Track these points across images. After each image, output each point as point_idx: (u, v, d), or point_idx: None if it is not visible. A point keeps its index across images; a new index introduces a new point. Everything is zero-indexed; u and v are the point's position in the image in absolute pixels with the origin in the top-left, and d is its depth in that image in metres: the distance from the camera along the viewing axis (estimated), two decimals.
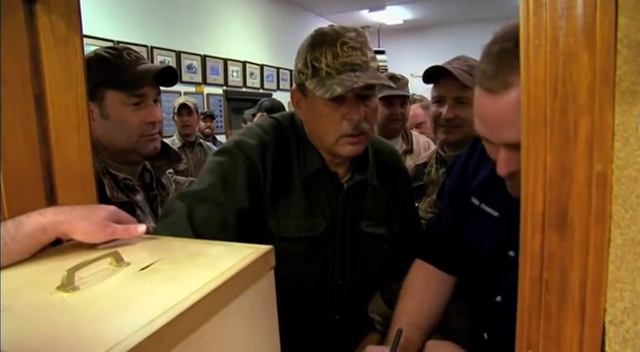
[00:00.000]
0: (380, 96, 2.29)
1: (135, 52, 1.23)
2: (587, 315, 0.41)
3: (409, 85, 2.43)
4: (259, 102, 3.69)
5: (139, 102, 1.17)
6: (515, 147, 0.73)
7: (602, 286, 0.40)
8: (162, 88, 1.25)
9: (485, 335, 0.95)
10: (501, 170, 0.80)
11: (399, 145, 2.38)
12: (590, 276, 0.41)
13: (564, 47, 0.39)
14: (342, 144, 1.05)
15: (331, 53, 0.99)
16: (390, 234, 1.21)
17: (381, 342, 1.20)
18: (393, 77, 2.34)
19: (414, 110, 2.88)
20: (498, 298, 0.92)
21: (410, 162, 2.19)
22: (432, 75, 1.50)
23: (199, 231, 0.96)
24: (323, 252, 1.12)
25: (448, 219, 1.12)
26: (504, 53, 0.72)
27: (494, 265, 0.94)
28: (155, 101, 1.23)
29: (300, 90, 1.08)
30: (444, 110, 1.48)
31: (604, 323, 0.41)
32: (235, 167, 1.05)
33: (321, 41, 1.02)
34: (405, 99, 2.37)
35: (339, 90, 0.96)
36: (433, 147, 2.53)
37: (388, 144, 1.36)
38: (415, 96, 4.01)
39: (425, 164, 1.75)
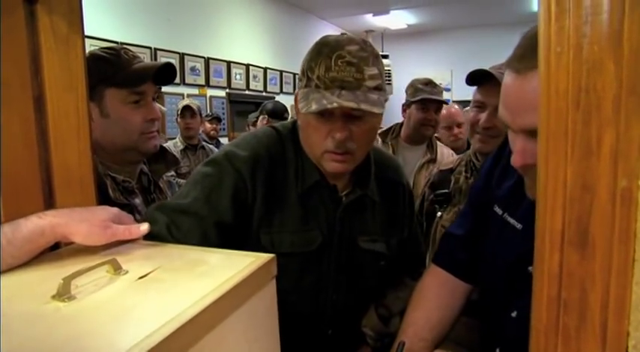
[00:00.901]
0: (416, 99, 2.27)
1: (131, 51, 1.23)
2: (608, 339, 0.39)
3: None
4: (262, 105, 3.68)
5: (139, 100, 1.16)
6: (534, 135, 0.69)
7: (625, 308, 0.38)
8: (165, 90, 1.25)
9: (498, 351, 0.92)
10: (516, 160, 0.77)
11: (422, 153, 2.35)
12: (613, 298, 0.38)
13: (588, 55, 0.37)
14: (327, 160, 1.02)
15: (324, 66, 0.95)
16: (387, 250, 1.17)
17: None
18: (430, 82, 2.32)
19: (448, 109, 2.72)
20: (514, 314, 0.89)
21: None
22: (475, 78, 1.44)
23: (181, 244, 0.91)
24: (318, 267, 1.09)
25: (468, 225, 1.08)
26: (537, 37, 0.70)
27: (512, 280, 0.90)
28: (154, 99, 1.22)
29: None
30: (482, 117, 1.42)
31: (627, 348, 0.38)
32: (221, 181, 1.01)
33: (320, 51, 0.98)
34: (440, 106, 2.35)
35: (314, 107, 0.93)
36: (456, 156, 2.49)
37: (391, 158, 1.32)
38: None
39: (451, 170, 1.68)
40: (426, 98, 2.25)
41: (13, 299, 0.56)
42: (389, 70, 7.50)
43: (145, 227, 0.73)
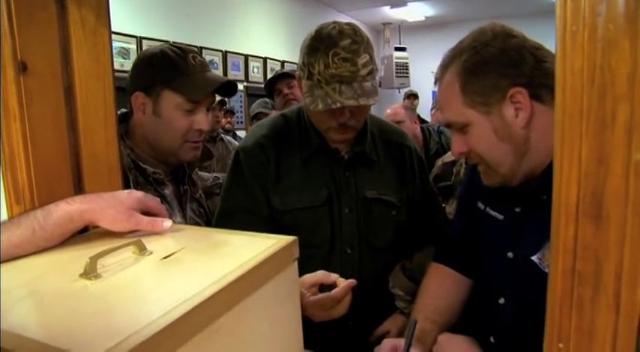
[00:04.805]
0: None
1: (200, 56, 1.23)
2: (622, 308, 0.40)
3: (430, 82, 2.48)
4: None
5: (192, 109, 1.17)
6: (456, 128, 0.92)
7: (638, 278, 0.39)
8: None
9: (492, 339, 0.95)
10: (453, 150, 0.95)
11: None
12: (626, 268, 0.40)
13: (603, 34, 0.38)
14: (332, 133, 1.18)
15: (323, 63, 1.08)
16: (398, 201, 1.26)
17: (405, 324, 1.20)
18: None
19: (394, 108, 2.96)
20: (502, 300, 0.94)
21: None
22: None
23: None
24: (329, 220, 1.20)
25: (459, 223, 1.15)
26: (446, 55, 0.95)
27: (495, 266, 0.97)
28: (208, 109, 1.22)
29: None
30: None
31: None
32: (243, 173, 1.22)
33: (316, 46, 1.10)
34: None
35: (320, 106, 1.08)
36: None
37: (396, 126, 1.45)
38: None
39: (453, 162, 1.71)
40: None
41: (44, 277, 0.59)
42: (406, 63, 7.45)
43: (168, 223, 0.73)
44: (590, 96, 0.39)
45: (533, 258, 0.85)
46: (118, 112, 1.25)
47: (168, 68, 1.15)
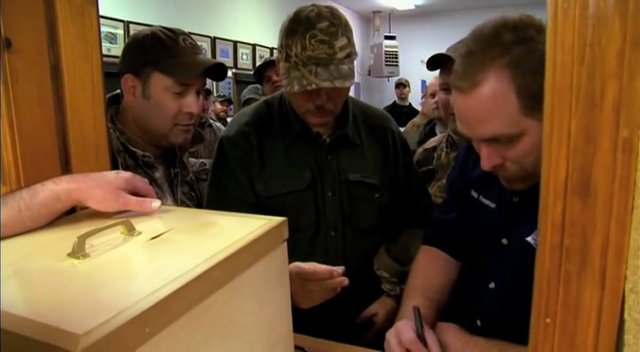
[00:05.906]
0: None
1: (191, 39, 1.23)
2: (607, 283, 0.41)
3: (420, 71, 2.48)
4: None
5: (182, 92, 1.16)
6: (494, 141, 0.80)
7: (623, 254, 0.40)
8: None
9: (479, 323, 0.97)
10: (484, 164, 0.84)
11: None
12: (612, 244, 0.41)
13: (594, 11, 0.38)
14: (310, 116, 1.19)
15: (300, 45, 1.08)
16: (381, 184, 1.27)
17: (395, 307, 1.22)
18: None
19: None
20: (492, 285, 0.96)
21: None
22: (436, 62, 1.51)
23: None
24: (313, 204, 1.20)
25: (450, 208, 1.16)
26: (471, 54, 0.79)
27: (488, 252, 0.98)
28: (198, 92, 1.21)
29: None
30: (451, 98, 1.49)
31: (624, 290, 0.41)
32: (229, 162, 1.22)
33: (294, 29, 1.10)
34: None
35: (296, 87, 1.09)
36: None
37: (380, 110, 1.45)
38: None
39: (434, 148, 1.76)
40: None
41: (32, 256, 0.58)
42: (396, 51, 7.45)
43: (156, 204, 0.73)
44: (580, 73, 0.40)
45: (528, 238, 0.85)
46: (109, 95, 1.24)
47: (158, 50, 1.14)
